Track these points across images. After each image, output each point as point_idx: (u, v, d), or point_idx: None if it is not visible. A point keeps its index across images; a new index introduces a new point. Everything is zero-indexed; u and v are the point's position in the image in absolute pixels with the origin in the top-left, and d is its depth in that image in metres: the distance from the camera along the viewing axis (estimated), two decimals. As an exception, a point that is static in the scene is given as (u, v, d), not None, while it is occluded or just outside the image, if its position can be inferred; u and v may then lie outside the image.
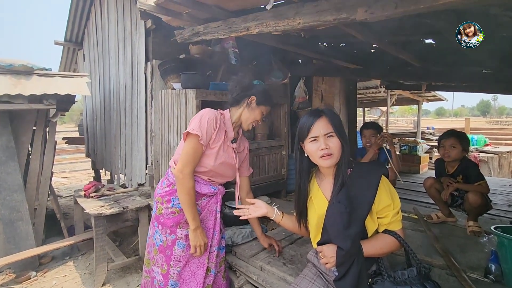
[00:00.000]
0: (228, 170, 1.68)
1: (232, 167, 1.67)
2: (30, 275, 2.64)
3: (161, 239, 1.59)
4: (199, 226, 1.54)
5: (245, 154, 1.79)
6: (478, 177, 2.27)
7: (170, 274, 1.57)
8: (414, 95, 8.65)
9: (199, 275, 1.58)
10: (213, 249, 1.66)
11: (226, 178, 1.73)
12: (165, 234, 1.58)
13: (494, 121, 16.12)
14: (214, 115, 1.58)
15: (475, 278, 1.65)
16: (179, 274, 1.57)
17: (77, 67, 5.39)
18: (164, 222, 1.58)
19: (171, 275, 1.57)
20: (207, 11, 2.20)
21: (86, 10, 4.42)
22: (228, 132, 1.63)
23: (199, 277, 1.58)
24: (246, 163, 1.83)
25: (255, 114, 1.66)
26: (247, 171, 1.84)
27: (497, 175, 6.72)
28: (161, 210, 1.60)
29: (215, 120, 1.57)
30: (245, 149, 1.80)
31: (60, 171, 7.94)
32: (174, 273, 1.57)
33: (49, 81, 2.87)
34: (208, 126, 1.52)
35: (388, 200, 1.22)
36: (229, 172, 1.70)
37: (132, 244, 3.25)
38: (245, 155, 1.80)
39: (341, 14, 1.53)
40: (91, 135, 4.79)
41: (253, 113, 1.65)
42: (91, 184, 3.15)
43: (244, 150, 1.79)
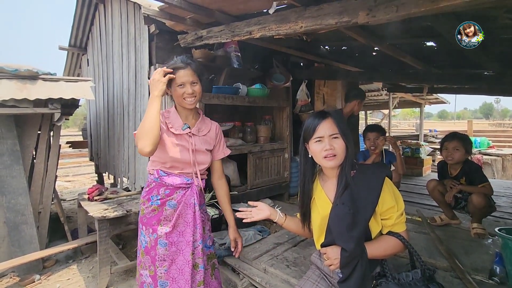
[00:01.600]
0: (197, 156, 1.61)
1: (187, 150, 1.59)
2: (34, 278, 2.65)
3: (146, 240, 1.58)
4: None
5: (214, 136, 1.70)
6: (482, 179, 2.26)
7: (158, 274, 1.55)
8: (416, 97, 8.64)
9: (186, 272, 1.55)
10: (197, 244, 1.58)
11: (201, 165, 1.63)
12: (148, 235, 1.57)
13: (497, 124, 16.04)
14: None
15: (479, 280, 1.64)
16: (167, 273, 1.54)
17: (81, 72, 5.45)
18: (146, 222, 1.59)
19: (158, 276, 1.55)
20: (210, 15, 2.23)
21: (90, 16, 4.48)
22: (174, 123, 1.58)
23: (186, 273, 1.55)
24: (219, 146, 1.74)
25: (175, 93, 1.54)
26: (222, 153, 1.75)
27: (500, 178, 6.68)
28: (143, 211, 1.60)
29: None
30: (210, 131, 1.69)
31: (63, 175, 7.98)
32: (162, 273, 1.54)
33: (54, 85, 2.91)
34: None
35: (392, 202, 1.22)
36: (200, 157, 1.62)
37: (135, 248, 3.25)
38: (215, 137, 1.71)
39: (343, 18, 1.55)
40: (94, 138, 4.83)
41: (174, 94, 1.55)
42: (94, 188, 3.16)
43: (210, 132, 1.68)
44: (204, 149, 1.63)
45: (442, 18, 1.80)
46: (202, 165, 1.64)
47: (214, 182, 1.78)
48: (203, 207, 1.73)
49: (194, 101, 1.55)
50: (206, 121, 1.71)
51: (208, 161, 1.67)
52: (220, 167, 1.78)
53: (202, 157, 1.63)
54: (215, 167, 1.76)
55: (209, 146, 1.66)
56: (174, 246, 1.55)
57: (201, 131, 1.64)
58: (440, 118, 44.65)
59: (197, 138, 1.61)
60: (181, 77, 1.51)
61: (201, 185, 1.63)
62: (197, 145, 1.60)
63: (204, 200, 1.76)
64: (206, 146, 1.64)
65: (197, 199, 1.60)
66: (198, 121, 1.65)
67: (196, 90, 1.54)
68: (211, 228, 1.76)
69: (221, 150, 1.74)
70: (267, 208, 1.51)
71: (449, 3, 1.17)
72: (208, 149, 1.66)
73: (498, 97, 35.66)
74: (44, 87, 2.83)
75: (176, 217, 1.54)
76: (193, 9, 2.14)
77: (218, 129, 1.73)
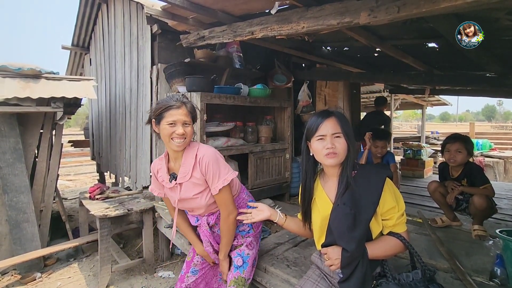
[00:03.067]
0: (185, 204, 1.59)
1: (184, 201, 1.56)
2: (35, 276, 2.66)
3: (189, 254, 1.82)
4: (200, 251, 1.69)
5: (200, 174, 1.48)
6: (483, 181, 2.25)
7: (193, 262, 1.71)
8: (418, 99, 8.63)
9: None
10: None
11: (198, 209, 1.59)
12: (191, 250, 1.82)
13: (500, 126, 15.98)
14: (153, 169, 1.63)
15: (480, 281, 1.64)
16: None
17: (83, 71, 5.48)
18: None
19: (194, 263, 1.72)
20: (213, 16, 2.24)
21: (93, 16, 4.51)
22: (163, 175, 1.54)
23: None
24: (211, 181, 1.49)
25: (164, 131, 1.42)
26: (214, 189, 1.49)
27: (502, 180, 6.65)
28: None
29: (154, 173, 1.62)
30: (195, 170, 1.48)
31: (65, 174, 8.01)
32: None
33: (57, 84, 2.93)
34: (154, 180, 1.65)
35: (392, 202, 1.22)
36: (189, 204, 1.57)
37: (136, 247, 3.26)
38: (204, 173, 1.48)
39: (345, 18, 1.55)
40: (96, 138, 4.85)
41: (162, 133, 1.43)
42: (96, 186, 3.18)
43: (195, 172, 1.48)
44: (192, 195, 1.50)
45: (444, 19, 1.80)
46: (198, 210, 1.58)
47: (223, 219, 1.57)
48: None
49: (183, 143, 1.42)
50: (189, 157, 1.48)
51: (203, 203, 1.53)
52: (222, 203, 1.53)
53: (193, 203, 1.54)
54: (217, 203, 1.56)
55: (200, 187, 1.50)
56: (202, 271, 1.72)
57: (186, 174, 1.48)
58: (442, 120, 44.53)
59: (185, 184, 1.50)
60: (173, 115, 1.39)
61: (210, 221, 1.62)
62: (184, 194, 1.50)
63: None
64: (195, 190, 1.50)
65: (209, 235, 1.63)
66: (182, 163, 1.49)
67: (187, 132, 1.42)
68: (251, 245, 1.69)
69: (212, 185, 1.49)
70: (267, 208, 1.51)
71: (449, 4, 1.18)
72: (199, 191, 1.51)
73: (500, 99, 35.53)
74: (47, 86, 2.85)
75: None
76: (196, 9, 2.15)
77: (204, 162, 1.47)
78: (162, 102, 1.45)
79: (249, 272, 1.63)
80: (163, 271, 2.74)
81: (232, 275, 1.59)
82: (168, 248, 3.01)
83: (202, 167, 1.47)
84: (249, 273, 1.63)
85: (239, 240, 1.69)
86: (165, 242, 2.95)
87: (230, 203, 1.54)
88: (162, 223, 2.77)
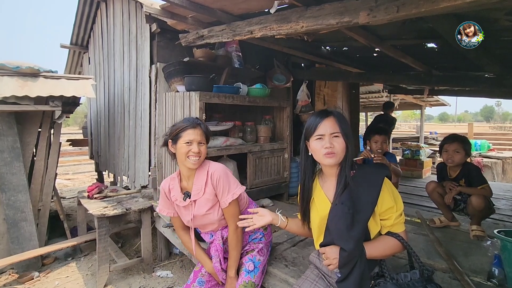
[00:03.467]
0: (198, 222, 1.67)
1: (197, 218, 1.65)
2: (32, 276, 2.65)
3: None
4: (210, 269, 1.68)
5: (212, 189, 1.58)
6: (481, 181, 2.25)
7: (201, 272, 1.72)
8: (417, 99, 8.64)
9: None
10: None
11: (210, 225, 1.68)
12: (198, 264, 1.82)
13: (498, 127, 16.02)
14: (163, 189, 1.68)
15: (478, 282, 1.64)
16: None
17: (82, 70, 5.46)
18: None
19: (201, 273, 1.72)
20: (212, 15, 2.24)
21: (92, 14, 4.49)
22: (176, 194, 1.64)
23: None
24: (221, 194, 1.59)
25: (180, 150, 1.54)
26: (223, 202, 1.59)
27: (501, 180, 6.67)
28: None
29: (165, 193, 1.68)
30: (207, 186, 1.59)
31: (63, 173, 7.99)
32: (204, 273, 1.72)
33: (55, 83, 2.92)
34: (164, 200, 1.70)
35: (391, 202, 1.22)
36: (202, 221, 1.66)
37: (134, 246, 3.25)
38: (214, 187, 1.58)
39: (344, 18, 1.55)
40: (95, 137, 4.83)
41: (178, 152, 1.55)
42: (94, 186, 3.17)
43: (207, 187, 1.59)
44: (205, 211, 1.60)
45: (443, 20, 1.80)
46: (211, 225, 1.68)
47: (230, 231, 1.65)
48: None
49: (198, 161, 1.55)
50: (202, 174, 1.60)
51: (216, 218, 1.63)
52: (230, 216, 1.62)
53: (206, 219, 1.64)
54: (225, 216, 1.65)
55: (212, 202, 1.61)
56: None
57: (199, 191, 1.59)
58: (441, 120, 44.64)
59: (199, 201, 1.60)
60: (189, 135, 1.53)
61: (224, 235, 1.70)
62: (198, 211, 1.61)
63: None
64: (208, 205, 1.60)
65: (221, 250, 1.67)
66: (195, 180, 1.60)
67: (202, 151, 1.55)
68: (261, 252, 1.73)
69: (221, 199, 1.60)
70: (269, 213, 1.49)
71: (449, 3, 1.18)
72: (212, 206, 1.61)
73: (499, 100, 35.63)
74: (45, 84, 2.84)
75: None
76: (195, 8, 2.14)
77: (215, 177, 1.58)
78: (179, 123, 1.60)
79: (259, 278, 1.65)
80: (161, 271, 2.74)
81: (242, 279, 1.60)
82: (166, 248, 3.01)
83: (213, 181, 1.58)
84: (259, 279, 1.65)
85: (251, 246, 1.74)
86: (164, 241, 2.95)
87: (237, 218, 1.61)
88: (160, 222, 2.76)
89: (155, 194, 3.12)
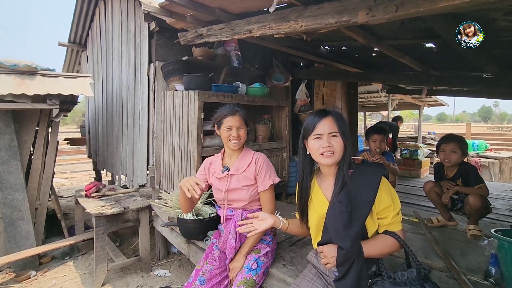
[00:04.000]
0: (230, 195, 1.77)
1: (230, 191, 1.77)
2: (30, 275, 2.64)
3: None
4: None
5: (253, 170, 1.75)
6: (478, 180, 2.26)
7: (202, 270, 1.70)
8: (415, 99, 8.67)
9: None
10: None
11: (238, 201, 1.78)
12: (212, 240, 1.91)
13: (495, 127, 16.10)
14: (204, 163, 1.89)
15: (475, 280, 1.65)
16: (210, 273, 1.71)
17: (80, 68, 5.44)
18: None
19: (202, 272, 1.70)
20: (211, 13, 2.23)
21: (90, 12, 4.47)
22: (216, 167, 1.82)
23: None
24: (260, 178, 1.75)
25: (222, 135, 1.76)
26: (262, 185, 1.75)
27: (498, 180, 6.70)
28: None
29: (204, 166, 1.87)
30: (250, 166, 1.76)
31: (61, 172, 7.96)
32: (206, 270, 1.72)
33: (53, 81, 2.90)
34: (199, 172, 1.88)
35: (388, 201, 1.22)
36: (233, 195, 1.77)
37: (132, 245, 3.25)
38: (255, 170, 1.75)
39: (343, 17, 1.55)
40: (93, 136, 4.82)
41: (222, 136, 1.77)
42: (92, 184, 3.16)
43: (250, 167, 1.75)
44: (241, 186, 1.74)
45: (441, 20, 1.80)
46: (238, 202, 1.78)
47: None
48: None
49: (238, 143, 1.74)
50: (247, 156, 1.80)
51: (247, 196, 1.75)
52: (266, 201, 1.76)
53: (238, 194, 1.75)
54: (260, 201, 1.80)
55: (249, 181, 1.74)
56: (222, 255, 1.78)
57: (240, 169, 1.75)
58: (439, 120, 44.79)
59: (235, 177, 1.75)
60: (229, 121, 1.72)
61: (244, 215, 1.77)
62: (234, 184, 1.75)
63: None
64: (245, 182, 1.74)
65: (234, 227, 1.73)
66: (238, 159, 1.78)
67: (241, 134, 1.73)
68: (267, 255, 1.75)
69: (262, 182, 1.74)
70: (269, 216, 1.44)
71: (448, 3, 1.18)
72: (248, 184, 1.74)
73: (496, 100, 35.80)
74: (43, 83, 2.82)
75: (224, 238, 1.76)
76: (194, 6, 2.14)
77: (260, 162, 1.76)
78: (221, 111, 1.78)
79: (260, 277, 1.66)
80: (159, 270, 2.73)
81: (243, 275, 1.61)
82: (164, 247, 3.00)
83: (257, 165, 1.76)
84: (260, 278, 1.66)
85: (259, 245, 1.78)
86: (162, 240, 2.95)
87: (273, 203, 1.78)
88: (158, 221, 2.76)
89: (153, 193, 3.11)
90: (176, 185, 2.70)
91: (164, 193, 2.76)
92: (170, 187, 2.83)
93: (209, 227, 2.16)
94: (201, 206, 2.32)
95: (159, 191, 2.88)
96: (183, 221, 2.17)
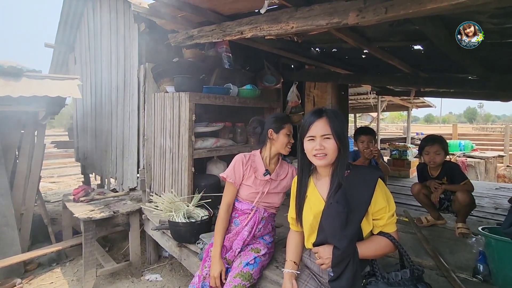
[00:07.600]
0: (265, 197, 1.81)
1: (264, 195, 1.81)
2: (15, 282, 2.55)
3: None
4: (216, 256, 1.66)
5: (289, 181, 1.84)
6: (463, 177, 2.37)
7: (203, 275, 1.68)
8: (404, 101, 8.83)
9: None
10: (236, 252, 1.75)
11: (269, 204, 1.83)
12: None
13: (480, 128, 16.54)
14: (241, 159, 1.86)
15: (464, 278, 1.68)
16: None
17: (67, 70, 5.32)
18: None
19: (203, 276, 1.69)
20: (202, 14, 2.22)
21: (78, 13, 4.39)
22: (258, 168, 1.82)
23: None
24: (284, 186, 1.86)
25: (281, 140, 1.78)
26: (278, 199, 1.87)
27: (483, 179, 6.88)
28: None
29: (242, 162, 1.84)
30: (287, 177, 1.86)
31: (48, 176, 7.76)
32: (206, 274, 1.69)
33: (39, 83, 2.83)
34: (237, 168, 1.82)
35: (383, 203, 1.24)
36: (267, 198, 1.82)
37: (122, 250, 3.18)
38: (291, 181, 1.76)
39: (333, 19, 1.56)
40: (81, 138, 4.71)
41: (279, 141, 1.79)
42: (80, 188, 3.09)
43: (287, 178, 1.86)
44: (278, 191, 1.83)
45: (429, 22, 1.84)
46: (270, 204, 1.83)
47: None
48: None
49: (289, 149, 1.81)
50: (284, 165, 1.89)
51: (279, 202, 1.86)
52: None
53: (272, 198, 1.83)
54: None
55: (284, 189, 1.85)
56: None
57: (279, 175, 1.85)
58: (427, 121, 45.71)
59: (274, 183, 1.83)
60: (289, 129, 1.79)
61: (264, 215, 1.82)
62: (272, 189, 1.82)
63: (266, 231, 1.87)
64: (281, 189, 1.84)
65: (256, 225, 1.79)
66: (278, 166, 1.85)
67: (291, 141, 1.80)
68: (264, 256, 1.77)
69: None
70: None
71: (435, 5, 1.20)
72: (283, 191, 1.85)
73: (481, 102, 36.80)
74: (29, 84, 2.75)
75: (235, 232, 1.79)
76: (184, 7, 2.12)
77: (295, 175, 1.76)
78: (281, 117, 1.85)
79: (256, 273, 1.68)
80: (150, 274, 2.68)
81: (240, 268, 1.62)
82: (155, 251, 2.95)
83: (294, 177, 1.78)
84: (256, 273, 1.68)
85: (260, 244, 1.81)
86: (153, 244, 2.90)
87: None
88: (149, 225, 2.71)
89: (144, 196, 3.06)
90: (167, 188, 2.66)
91: (155, 196, 2.71)
92: (161, 190, 2.79)
93: (201, 230, 2.14)
94: (193, 209, 2.29)
95: (150, 194, 2.83)
96: (174, 224, 2.14)
